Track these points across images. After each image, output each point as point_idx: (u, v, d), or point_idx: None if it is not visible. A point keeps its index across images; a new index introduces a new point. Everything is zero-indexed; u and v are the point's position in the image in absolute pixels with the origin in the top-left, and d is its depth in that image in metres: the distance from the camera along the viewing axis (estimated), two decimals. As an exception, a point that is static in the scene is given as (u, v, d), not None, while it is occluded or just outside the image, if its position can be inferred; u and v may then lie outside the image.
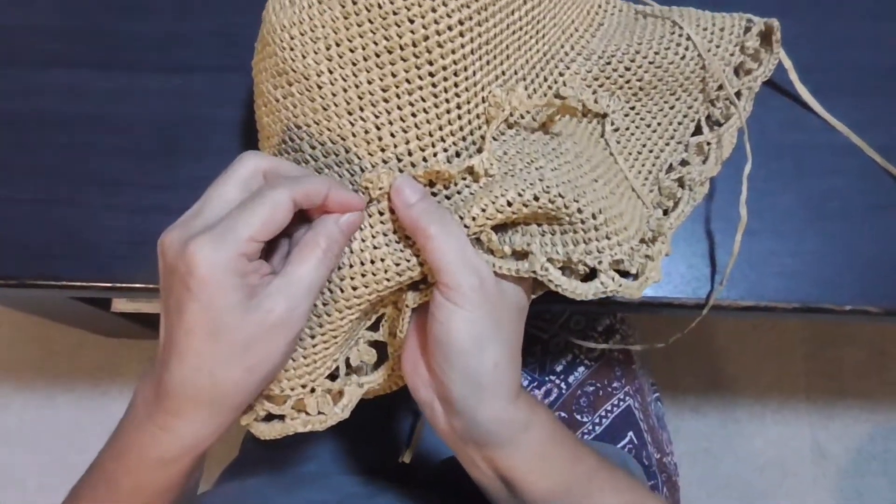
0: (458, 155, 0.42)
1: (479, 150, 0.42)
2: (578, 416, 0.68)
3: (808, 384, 1.28)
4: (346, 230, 0.40)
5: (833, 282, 0.50)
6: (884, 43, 0.56)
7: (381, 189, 0.40)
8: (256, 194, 0.37)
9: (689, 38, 0.50)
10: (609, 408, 0.69)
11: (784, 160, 0.53)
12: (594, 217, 0.41)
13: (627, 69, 0.49)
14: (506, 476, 0.42)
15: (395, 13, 0.38)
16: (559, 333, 0.70)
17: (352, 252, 0.41)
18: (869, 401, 1.27)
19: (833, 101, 0.53)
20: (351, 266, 0.41)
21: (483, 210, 0.40)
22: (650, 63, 0.49)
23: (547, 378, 0.69)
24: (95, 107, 0.56)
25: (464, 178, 0.41)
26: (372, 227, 0.41)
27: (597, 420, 0.68)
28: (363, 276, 0.41)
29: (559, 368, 0.70)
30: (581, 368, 0.70)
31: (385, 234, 0.41)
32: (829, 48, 0.56)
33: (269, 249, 0.41)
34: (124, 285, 0.52)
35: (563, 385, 0.69)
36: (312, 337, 0.42)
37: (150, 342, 1.28)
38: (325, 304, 0.41)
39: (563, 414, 0.68)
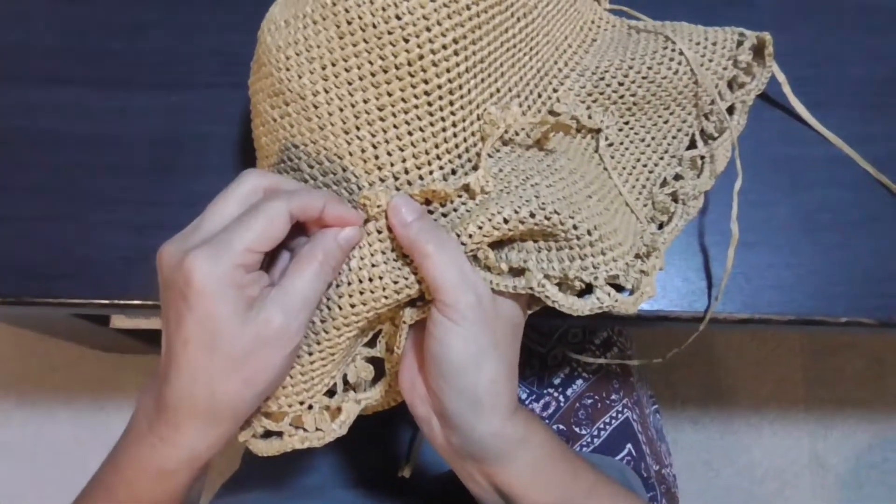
0: (453, 172, 0.42)
1: (475, 168, 0.42)
2: (577, 429, 0.68)
3: (806, 394, 1.28)
4: (344, 245, 0.40)
5: (828, 294, 0.51)
6: (878, 57, 0.56)
7: (378, 207, 0.40)
8: (253, 207, 0.38)
9: (681, 53, 0.50)
10: (607, 420, 0.69)
11: (779, 173, 0.53)
12: (590, 233, 0.42)
13: (621, 84, 0.50)
14: (504, 491, 0.42)
15: (389, 33, 0.38)
16: (557, 347, 0.71)
17: (350, 270, 0.41)
18: (868, 410, 1.27)
19: (828, 115, 0.54)
20: (349, 284, 0.41)
21: (479, 228, 0.40)
22: (643, 78, 0.50)
23: (545, 391, 0.69)
24: (92, 125, 0.57)
25: (460, 196, 0.41)
26: (370, 245, 0.41)
27: (595, 432, 0.68)
28: (361, 293, 0.41)
29: (557, 381, 0.70)
30: (579, 381, 0.70)
31: (383, 252, 0.41)
32: (824, 62, 0.56)
33: (269, 263, 0.42)
34: (122, 302, 0.52)
35: (561, 398, 0.69)
36: (310, 354, 0.42)
37: (148, 357, 1.28)
38: (322, 322, 0.41)
39: (561, 426, 0.68)
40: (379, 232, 0.41)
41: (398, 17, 0.38)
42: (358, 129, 0.40)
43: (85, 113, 0.57)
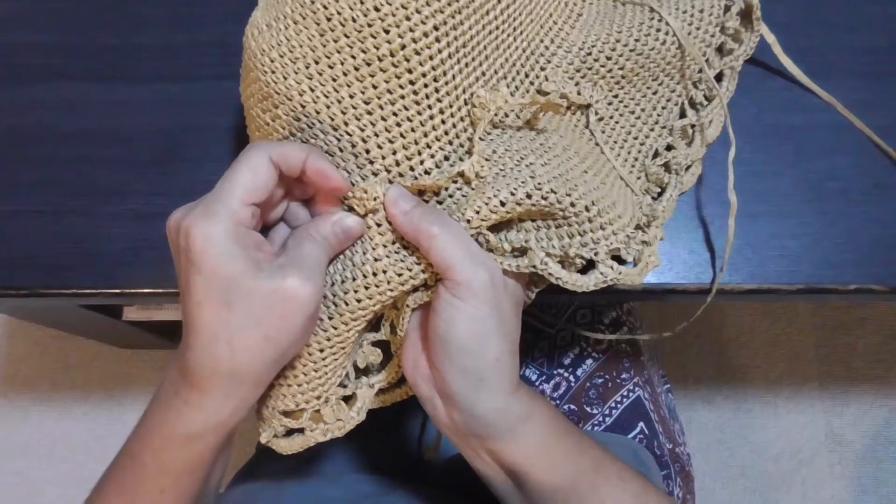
0: (446, 159, 0.42)
1: (468, 153, 0.42)
2: (588, 408, 0.68)
3: (820, 371, 1.27)
4: (340, 232, 0.40)
5: (836, 262, 0.50)
6: (878, 25, 0.56)
7: (375, 200, 0.41)
8: (235, 161, 0.38)
9: (667, 24, 0.50)
10: (618, 399, 0.69)
11: (783, 142, 0.53)
12: (587, 209, 0.42)
13: (609, 59, 0.49)
14: (511, 469, 0.42)
15: (369, 25, 0.38)
16: (566, 327, 0.71)
17: (354, 266, 0.41)
18: (883, 385, 1.27)
19: (829, 84, 0.54)
20: (354, 279, 0.41)
21: (477, 212, 0.40)
22: (631, 51, 0.49)
23: (555, 371, 0.69)
24: (97, 119, 0.57)
25: (455, 182, 0.41)
26: (371, 239, 0.41)
27: (606, 411, 0.68)
28: (367, 288, 0.41)
29: (567, 361, 0.70)
30: (589, 361, 0.70)
31: (385, 245, 0.41)
32: (825, 31, 0.56)
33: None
34: (131, 290, 0.53)
35: (571, 378, 0.69)
36: (321, 350, 0.42)
37: (163, 352, 1.29)
38: (330, 318, 0.42)
39: (572, 406, 0.68)
40: (378, 225, 0.41)
41: (377, 9, 0.38)
42: (346, 124, 0.40)
43: (88, 108, 0.57)
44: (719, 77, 0.52)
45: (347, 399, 0.46)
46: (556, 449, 0.42)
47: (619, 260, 0.43)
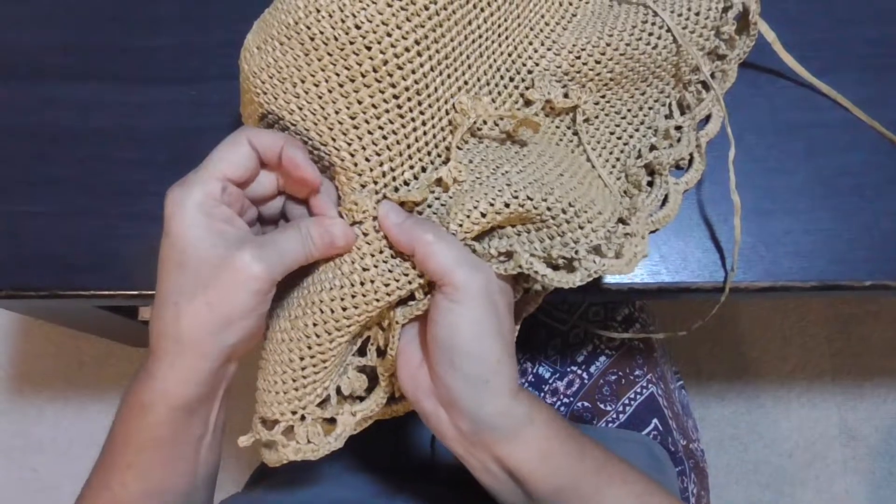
0: (423, 170, 0.43)
1: (445, 162, 0.43)
2: (602, 405, 0.68)
3: (834, 366, 1.27)
4: (327, 236, 0.41)
5: (850, 258, 0.50)
6: (890, 18, 0.55)
7: (364, 213, 0.42)
8: (222, 142, 0.40)
9: (661, 27, 0.49)
10: (632, 395, 0.69)
11: (795, 139, 0.53)
12: (564, 211, 0.42)
13: (598, 62, 0.49)
14: (516, 474, 0.42)
15: (351, 43, 0.39)
16: (579, 325, 0.71)
17: (342, 274, 0.42)
18: (897, 379, 1.26)
19: (842, 78, 0.53)
20: (341, 287, 0.42)
21: (460, 225, 0.41)
22: (621, 55, 0.49)
23: (568, 369, 0.70)
24: (112, 120, 0.57)
25: (432, 192, 0.42)
26: (359, 248, 0.42)
27: (620, 408, 0.68)
28: (353, 297, 0.42)
29: (580, 359, 0.70)
30: (602, 358, 0.70)
31: (372, 255, 0.42)
32: (837, 25, 0.56)
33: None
34: (147, 292, 0.53)
35: (584, 375, 0.69)
36: (301, 359, 0.43)
37: (176, 350, 1.29)
38: (314, 325, 0.42)
39: (586, 403, 0.68)
40: (365, 234, 0.42)
41: (357, 27, 0.39)
42: (334, 140, 0.41)
43: (104, 108, 0.58)
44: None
45: (327, 422, 0.45)
46: (558, 451, 0.42)
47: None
